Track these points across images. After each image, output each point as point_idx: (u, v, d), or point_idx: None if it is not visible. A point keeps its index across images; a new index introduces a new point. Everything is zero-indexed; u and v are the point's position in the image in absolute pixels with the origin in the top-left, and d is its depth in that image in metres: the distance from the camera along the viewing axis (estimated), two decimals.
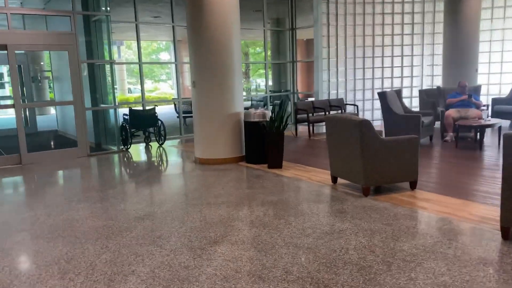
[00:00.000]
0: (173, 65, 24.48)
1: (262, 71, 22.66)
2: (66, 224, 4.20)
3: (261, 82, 30.04)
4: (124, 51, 33.02)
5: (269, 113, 6.76)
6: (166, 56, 36.51)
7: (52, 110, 15.82)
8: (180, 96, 10.54)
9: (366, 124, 4.55)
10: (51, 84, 14.60)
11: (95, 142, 9.32)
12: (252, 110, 6.87)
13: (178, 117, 12.30)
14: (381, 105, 7.88)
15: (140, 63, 9.66)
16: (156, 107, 9.16)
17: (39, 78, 14.52)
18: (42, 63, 15.73)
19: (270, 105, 12.58)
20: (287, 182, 5.59)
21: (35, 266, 3.25)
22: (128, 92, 30.13)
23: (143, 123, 8.95)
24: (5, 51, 7.19)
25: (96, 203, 4.89)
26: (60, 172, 7.04)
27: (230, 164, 6.86)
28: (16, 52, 7.65)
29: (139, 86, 11.12)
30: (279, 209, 4.42)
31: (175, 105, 12.50)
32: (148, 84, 36.83)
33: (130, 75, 35.02)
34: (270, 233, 3.71)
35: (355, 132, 4.59)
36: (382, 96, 7.82)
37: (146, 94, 27.54)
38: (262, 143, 6.65)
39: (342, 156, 4.96)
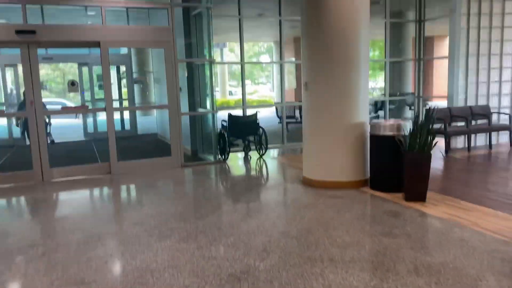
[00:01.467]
0: (274, 67, 23.52)
1: (371, 71, 20.48)
2: (137, 277, 3.04)
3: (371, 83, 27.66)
4: (226, 54, 33.11)
5: (406, 125, 5.06)
6: (267, 59, 35.90)
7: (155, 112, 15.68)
8: (283, 99, 9.20)
9: None
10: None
11: (191, 149, 8.42)
12: (382, 121, 5.22)
13: (279, 122, 11.07)
14: None
15: (242, 63, 8.54)
16: (258, 112, 7.94)
17: (138, 79, 14.35)
18: (146, 65, 15.71)
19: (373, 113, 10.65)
20: (442, 230, 3.86)
21: None
22: (229, 95, 29.95)
23: (243, 131, 7.79)
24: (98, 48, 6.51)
25: (181, 242, 3.70)
26: (147, 189, 6.12)
27: (349, 189, 5.30)
28: (121, 53, 7.14)
29: (240, 89, 10.10)
30: (449, 285, 2.77)
31: (276, 109, 11.26)
32: (247, 86, 36.56)
33: (232, 77, 35.08)
34: None
35: None
36: None
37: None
38: (395, 164, 4.98)
39: None
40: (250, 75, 35.83)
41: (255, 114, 7.83)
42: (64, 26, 6.43)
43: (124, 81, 12.43)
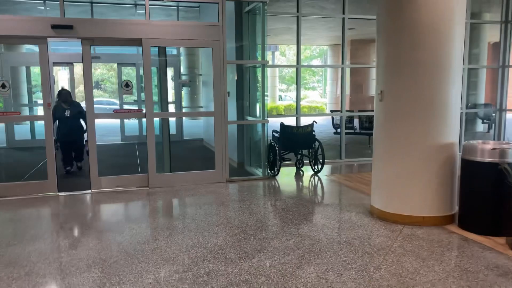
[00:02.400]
0: (328, 72, 22.31)
1: None
2: None
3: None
4: (277, 57, 32.25)
5: None
6: (318, 63, 34.66)
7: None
8: (343, 108, 8.12)
9: None
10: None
11: (237, 160, 7.59)
12: (479, 143, 4.08)
13: (336, 133, 10.02)
14: None
15: (298, 66, 7.60)
16: (315, 123, 6.96)
17: (182, 82, 13.70)
18: (195, 69, 15.13)
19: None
20: None
21: None
22: (279, 100, 29.01)
23: (297, 144, 6.84)
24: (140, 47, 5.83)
25: None
26: (185, 209, 5.33)
27: (431, 227, 4.21)
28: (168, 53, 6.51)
29: (290, 94, 9.17)
30: None
31: (333, 119, 10.19)
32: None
33: (281, 81, 34.16)
34: None
35: None
36: None
37: (294, 103, 26.04)
38: (496, 199, 3.85)
39: None
40: (301, 79, 34.77)
41: (311, 125, 6.85)
42: (103, 21, 5.81)
43: (171, 84, 11.89)
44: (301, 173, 7.05)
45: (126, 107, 12.07)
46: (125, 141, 11.34)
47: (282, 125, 6.74)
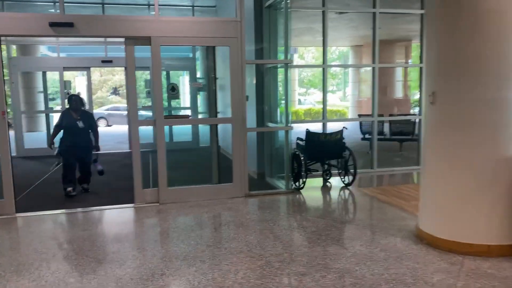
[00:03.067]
0: (350, 74, 21.42)
1: None
2: None
3: None
4: (296, 60, 31.51)
5: None
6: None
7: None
8: (375, 112, 7.32)
9: None
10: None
11: (257, 171, 6.89)
12: None
13: (364, 139, 9.23)
14: None
15: (324, 66, 6.87)
16: (344, 129, 6.20)
17: (194, 85, 13.01)
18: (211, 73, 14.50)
19: None
20: None
21: None
22: (298, 104, 28.19)
23: (325, 153, 6.09)
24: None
25: None
26: (197, 231, 4.65)
27: (500, 259, 3.41)
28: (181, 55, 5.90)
29: (309, 97, 8.43)
30: None
31: (360, 124, 9.38)
32: (314, 95, 34.44)
33: (300, 85, 33.35)
34: None
35: None
36: None
37: (314, 107, 25.05)
38: None
39: None
40: (319, 82, 33.85)
41: (341, 132, 6.09)
42: (106, 18, 5.20)
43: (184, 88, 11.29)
44: (329, 185, 6.30)
45: (141, 112, 11.46)
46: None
47: (308, 132, 6.01)
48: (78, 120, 5.88)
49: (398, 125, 8.89)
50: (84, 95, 17.38)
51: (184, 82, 17.99)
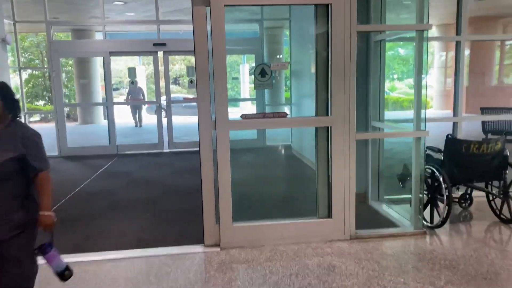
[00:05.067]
0: (436, 59, 18.25)
1: None
2: None
3: None
4: None
5: None
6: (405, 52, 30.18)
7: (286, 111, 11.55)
8: None
9: None
10: (287, 82, 10.97)
11: (356, 191, 4.81)
12: None
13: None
14: None
15: (461, 38, 4.59)
16: (505, 137, 3.93)
17: (276, 67, 10.78)
18: (279, 55, 12.38)
19: None
20: None
21: None
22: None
23: (478, 172, 3.88)
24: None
25: None
26: None
27: None
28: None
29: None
30: None
31: (483, 121, 6.95)
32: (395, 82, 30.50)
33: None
34: None
35: None
36: None
37: (403, 96, 21.03)
38: None
39: None
40: (426, 64, 30.14)
41: (503, 140, 3.84)
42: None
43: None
44: (469, 217, 4.12)
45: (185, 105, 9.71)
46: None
47: (450, 139, 3.82)
48: None
49: None
50: (143, 85, 15.97)
51: (244, 71, 16.06)
